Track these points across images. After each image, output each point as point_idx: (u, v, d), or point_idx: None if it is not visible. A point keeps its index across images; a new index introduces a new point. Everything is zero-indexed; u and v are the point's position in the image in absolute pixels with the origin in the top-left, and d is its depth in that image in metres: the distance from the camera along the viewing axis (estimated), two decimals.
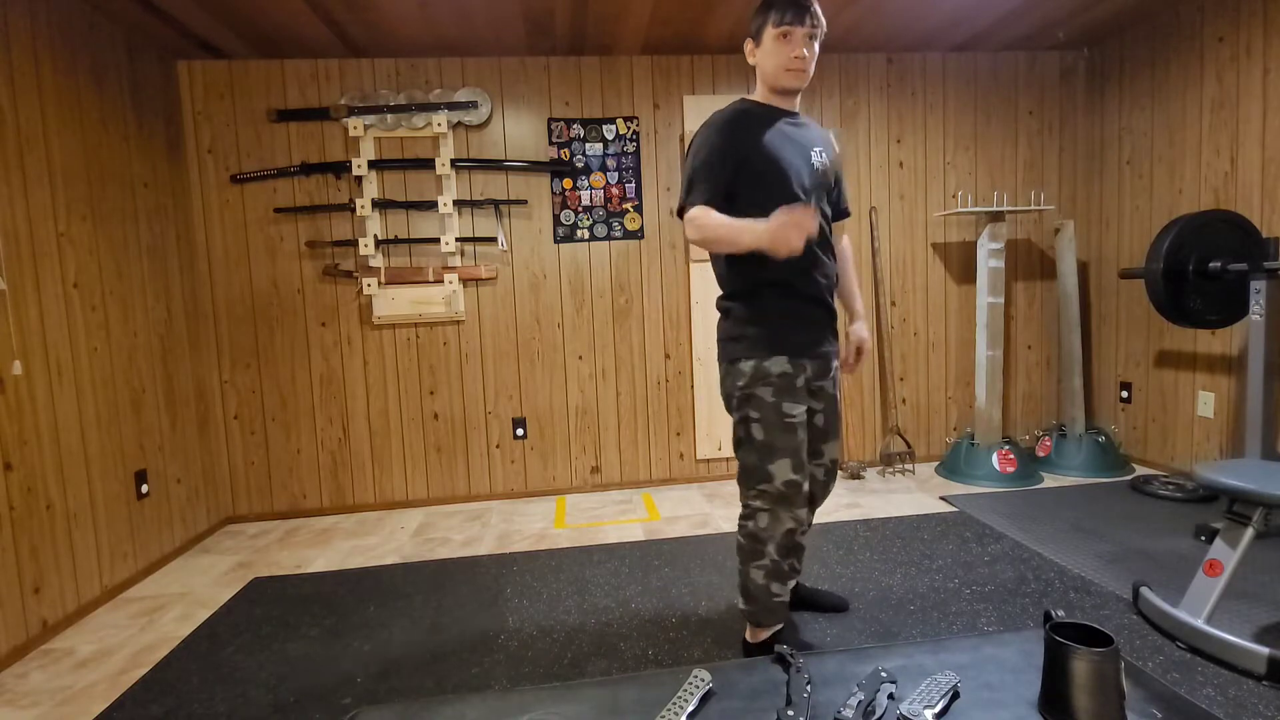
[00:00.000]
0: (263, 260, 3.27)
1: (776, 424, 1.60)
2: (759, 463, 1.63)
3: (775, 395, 1.60)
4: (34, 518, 2.16)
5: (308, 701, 1.76)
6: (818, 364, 1.67)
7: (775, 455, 1.61)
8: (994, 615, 2.03)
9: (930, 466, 3.68)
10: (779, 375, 1.60)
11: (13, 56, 2.19)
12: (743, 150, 1.58)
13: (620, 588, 2.35)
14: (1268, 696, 1.57)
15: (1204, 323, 2.69)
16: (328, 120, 3.25)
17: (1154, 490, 3.04)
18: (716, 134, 1.59)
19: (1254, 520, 1.71)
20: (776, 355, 1.60)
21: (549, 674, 1.83)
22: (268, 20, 2.79)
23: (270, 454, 3.35)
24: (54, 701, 1.84)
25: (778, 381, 1.60)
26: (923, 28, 3.26)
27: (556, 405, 3.51)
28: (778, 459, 1.61)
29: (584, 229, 3.45)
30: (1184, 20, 3.13)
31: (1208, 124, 3.04)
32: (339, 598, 2.39)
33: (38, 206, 2.26)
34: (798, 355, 1.62)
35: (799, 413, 1.61)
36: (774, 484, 1.62)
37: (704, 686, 0.90)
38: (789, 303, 1.63)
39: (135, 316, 2.73)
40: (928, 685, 0.88)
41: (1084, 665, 0.78)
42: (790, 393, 1.60)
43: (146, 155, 2.88)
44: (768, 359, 1.60)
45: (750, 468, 1.66)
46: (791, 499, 1.62)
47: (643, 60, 3.42)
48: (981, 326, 3.43)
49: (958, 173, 3.68)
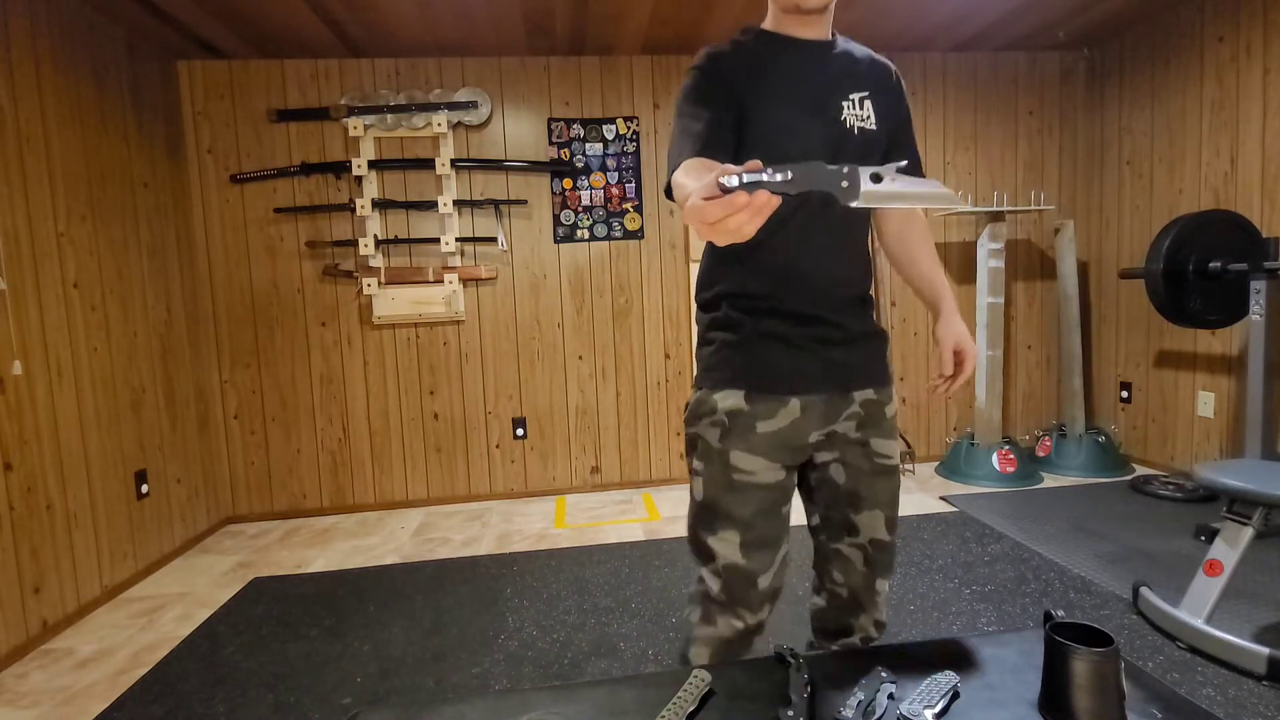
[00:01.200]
0: (263, 260, 3.27)
1: (721, 480, 1.10)
2: (698, 531, 1.14)
3: (723, 440, 1.10)
4: (34, 518, 2.16)
5: (308, 701, 1.76)
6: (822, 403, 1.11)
7: (717, 524, 1.11)
8: (994, 615, 2.03)
9: (930, 466, 3.68)
10: (728, 413, 1.10)
11: (13, 56, 2.19)
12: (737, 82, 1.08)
13: (620, 588, 2.35)
14: (1268, 696, 1.57)
15: (1204, 323, 2.69)
16: (328, 120, 3.25)
17: (1154, 490, 3.04)
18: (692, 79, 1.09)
19: (1254, 520, 1.71)
20: (729, 387, 1.11)
21: (549, 674, 1.83)
22: (268, 20, 2.79)
23: (270, 454, 3.35)
24: (54, 701, 1.84)
25: (726, 422, 1.10)
26: (923, 28, 3.26)
27: (556, 405, 3.51)
28: (721, 529, 1.10)
29: (584, 229, 3.45)
30: (1184, 20, 3.13)
31: (1208, 124, 3.04)
32: (339, 598, 2.39)
33: (38, 206, 2.26)
34: (768, 390, 1.10)
35: (760, 470, 1.10)
36: (715, 565, 1.11)
37: (704, 686, 0.90)
38: (760, 320, 1.11)
39: (135, 316, 2.73)
40: (928, 685, 0.88)
41: (1084, 665, 0.78)
42: (744, 439, 1.09)
43: (146, 155, 2.88)
44: (716, 390, 1.12)
45: (690, 536, 1.17)
46: (734, 594, 1.10)
47: (643, 60, 3.42)
48: (981, 326, 3.43)
49: (958, 172, 3.68)
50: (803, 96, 1.09)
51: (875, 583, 1.18)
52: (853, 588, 1.18)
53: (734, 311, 1.13)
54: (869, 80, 1.16)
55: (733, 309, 1.13)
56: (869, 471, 1.15)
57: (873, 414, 1.15)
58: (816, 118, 1.09)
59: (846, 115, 1.11)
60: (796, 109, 1.08)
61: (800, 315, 1.11)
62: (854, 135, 1.11)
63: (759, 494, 1.10)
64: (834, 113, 1.10)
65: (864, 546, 1.17)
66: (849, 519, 1.16)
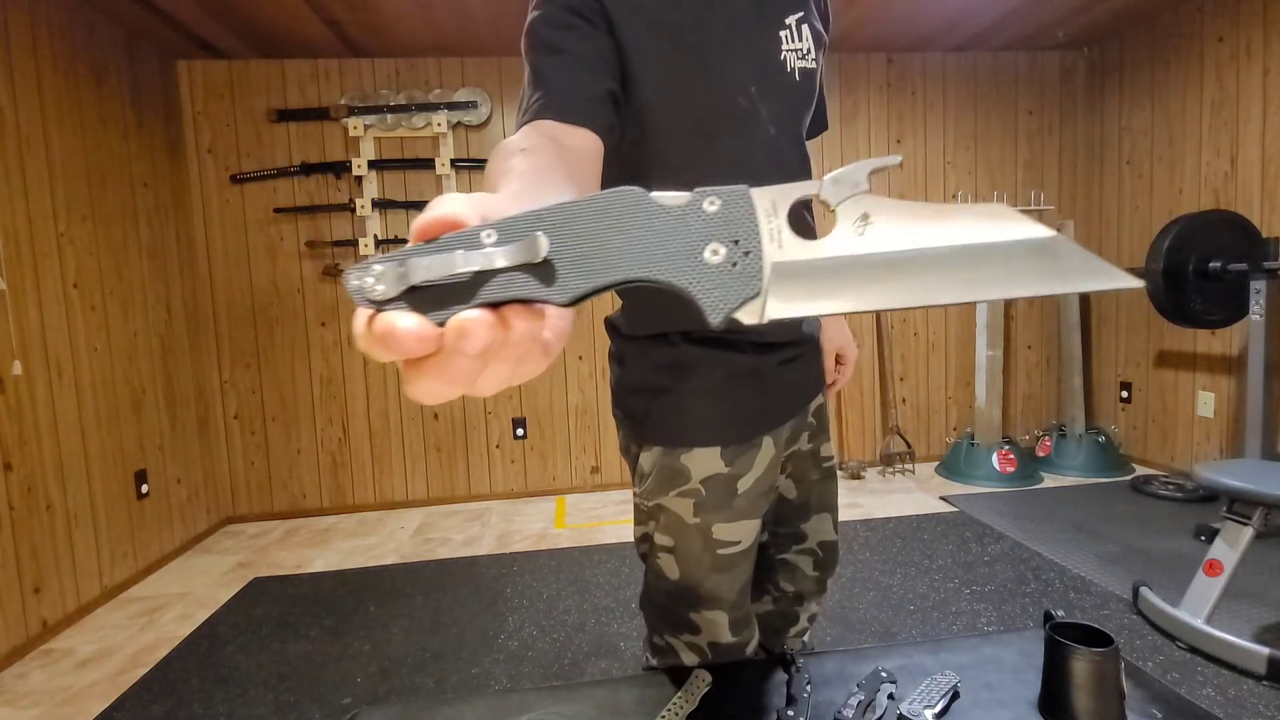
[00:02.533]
0: (263, 260, 3.27)
1: (703, 559, 0.88)
2: (674, 607, 0.92)
3: (699, 513, 0.86)
4: (34, 518, 2.16)
5: (308, 701, 1.76)
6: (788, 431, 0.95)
7: (702, 604, 0.90)
8: (994, 615, 2.03)
9: (930, 466, 3.68)
10: (705, 481, 0.86)
11: (13, 56, 2.19)
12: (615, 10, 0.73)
13: (620, 588, 2.35)
14: (1268, 696, 1.57)
15: (1204, 323, 2.69)
16: (328, 120, 3.25)
17: (1154, 490, 3.04)
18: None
19: (1254, 520, 1.71)
20: (700, 446, 0.86)
21: (549, 674, 1.83)
22: (268, 20, 2.79)
23: (270, 454, 3.34)
24: (54, 701, 1.84)
25: (703, 491, 0.86)
26: (923, 28, 3.26)
27: (556, 405, 3.51)
28: (706, 609, 0.90)
29: None
30: (1184, 20, 3.13)
31: (1208, 124, 3.04)
32: (339, 598, 2.39)
33: (38, 206, 2.26)
34: (745, 438, 0.87)
35: (745, 536, 0.89)
36: (699, 639, 0.92)
37: (704, 687, 0.90)
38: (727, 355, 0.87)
39: (135, 316, 2.73)
40: (928, 685, 0.88)
41: (1084, 665, 0.78)
42: (726, 507, 0.87)
43: (146, 155, 2.88)
44: (683, 451, 0.86)
45: (659, 607, 0.95)
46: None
47: None
48: (981, 326, 3.43)
49: (958, 172, 3.68)
50: (724, 26, 0.76)
51: (825, 582, 1.11)
52: (801, 591, 1.10)
53: (695, 348, 0.86)
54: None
55: (694, 344, 0.86)
56: (817, 479, 1.06)
57: (820, 419, 1.06)
58: (748, 60, 0.78)
59: (784, 51, 0.80)
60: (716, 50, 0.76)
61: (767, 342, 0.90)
62: (794, 81, 0.82)
63: (745, 562, 0.91)
64: (771, 48, 0.79)
65: (813, 550, 1.08)
66: (798, 529, 1.06)
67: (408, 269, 0.27)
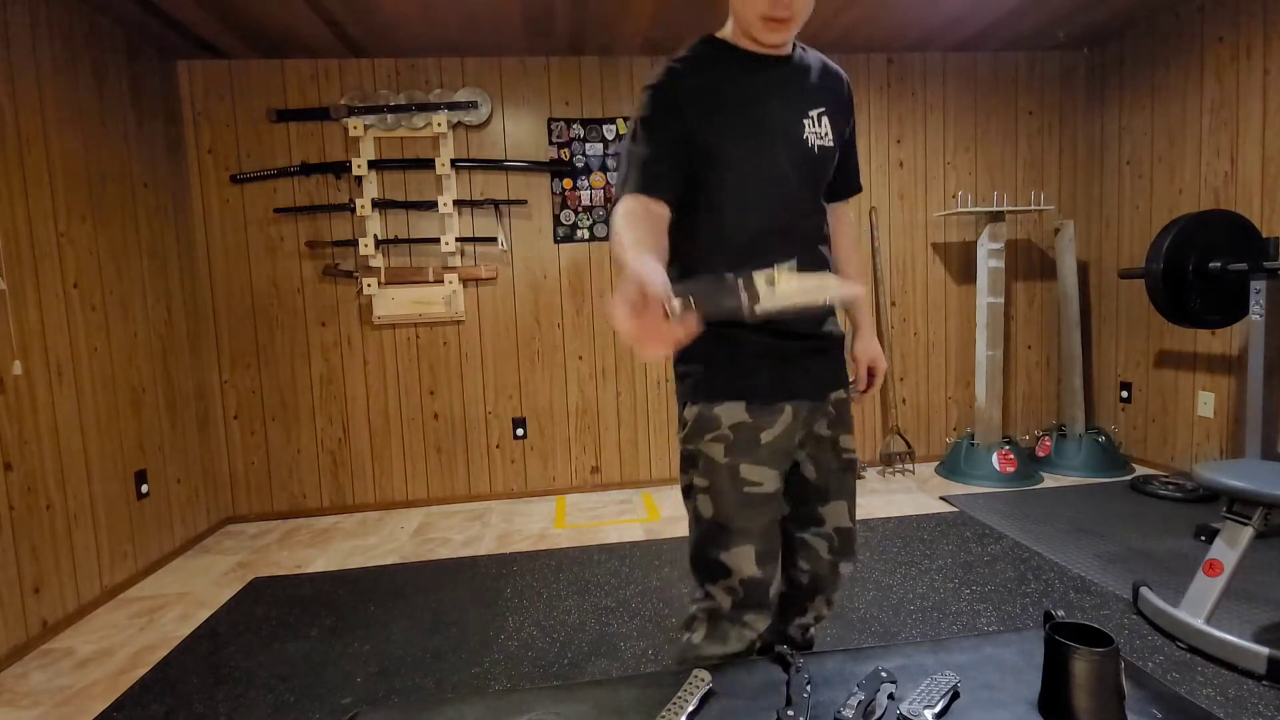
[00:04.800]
0: (263, 260, 3.27)
1: (732, 496, 1.11)
2: (708, 549, 1.14)
3: (729, 454, 1.11)
4: (34, 518, 2.16)
5: (308, 701, 1.76)
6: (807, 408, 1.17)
7: (732, 540, 1.11)
8: (994, 615, 2.03)
9: (930, 466, 3.68)
10: (733, 428, 1.11)
11: (13, 56, 2.19)
12: (692, 114, 1.09)
13: (620, 588, 2.35)
14: (1268, 696, 1.57)
15: (1204, 323, 2.69)
16: (328, 120, 3.25)
17: (1154, 490, 3.04)
18: (652, 96, 1.11)
19: (1254, 520, 1.71)
20: (729, 400, 1.12)
21: (549, 674, 1.83)
22: (268, 20, 2.79)
23: (270, 454, 3.35)
24: (54, 701, 1.84)
25: (731, 436, 1.11)
26: (923, 28, 3.26)
27: (556, 405, 3.51)
28: (736, 544, 1.11)
29: (584, 229, 3.45)
30: (1184, 20, 3.13)
31: (1208, 124, 3.04)
32: (339, 598, 2.39)
33: (38, 207, 2.26)
34: (766, 400, 1.12)
35: (767, 480, 1.12)
36: (731, 580, 1.12)
37: (704, 686, 0.90)
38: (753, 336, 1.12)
39: (135, 316, 2.73)
40: (928, 685, 0.88)
41: (1084, 665, 0.78)
42: (750, 452, 1.11)
43: (146, 155, 2.88)
44: (717, 404, 1.12)
45: (697, 556, 1.17)
46: (748, 605, 1.13)
47: (642, 60, 3.42)
48: (981, 326, 3.43)
49: (958, 173, 3.68)
50: (768, 121, 1.12)
51: (839, 566, 1.25)
52: (817, 573, 1.24)
53: (734, 330, 1.11)
54: (825, 95, 1.19)
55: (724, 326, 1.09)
56: (837, 468, 1.23)
57: (841, 412, 1.24)
58: (781, 141, 1.12)
59: (808, 134, 1.15)
60: (763, 135, 1.11)
61: (791, 331, 1.15)
62: (814, 154, 1.16)
63: (768, 505, 1.13)
64: (797, 131, 1.14)
65: (829, 535, 1.23)
66: (816, 512, 1.23)
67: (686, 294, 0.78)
